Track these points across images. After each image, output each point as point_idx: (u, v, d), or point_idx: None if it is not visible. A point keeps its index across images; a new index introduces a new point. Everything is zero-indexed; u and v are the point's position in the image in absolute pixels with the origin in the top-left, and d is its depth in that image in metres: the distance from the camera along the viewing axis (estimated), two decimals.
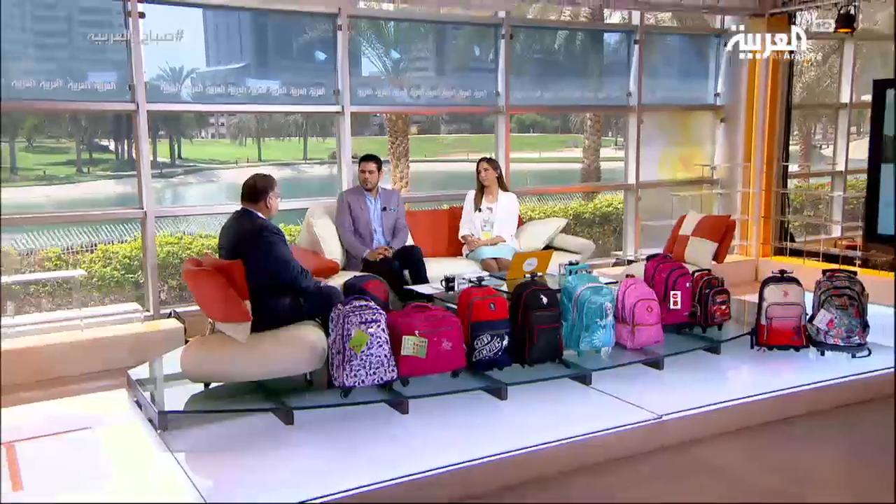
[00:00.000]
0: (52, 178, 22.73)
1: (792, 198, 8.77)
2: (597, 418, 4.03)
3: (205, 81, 6.27)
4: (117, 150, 24.33)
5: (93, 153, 24.34)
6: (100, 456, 3.74)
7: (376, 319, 3.96)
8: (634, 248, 8.09)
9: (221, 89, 6.13)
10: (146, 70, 5.70)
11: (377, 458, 3.60)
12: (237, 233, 4.27)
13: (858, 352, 4.85)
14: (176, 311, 5.90)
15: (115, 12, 5.58)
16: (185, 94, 6.12)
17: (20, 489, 3.30)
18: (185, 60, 6.42)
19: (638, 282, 4.86)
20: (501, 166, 6.76)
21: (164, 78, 6.35)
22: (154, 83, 5.90)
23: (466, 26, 7.48)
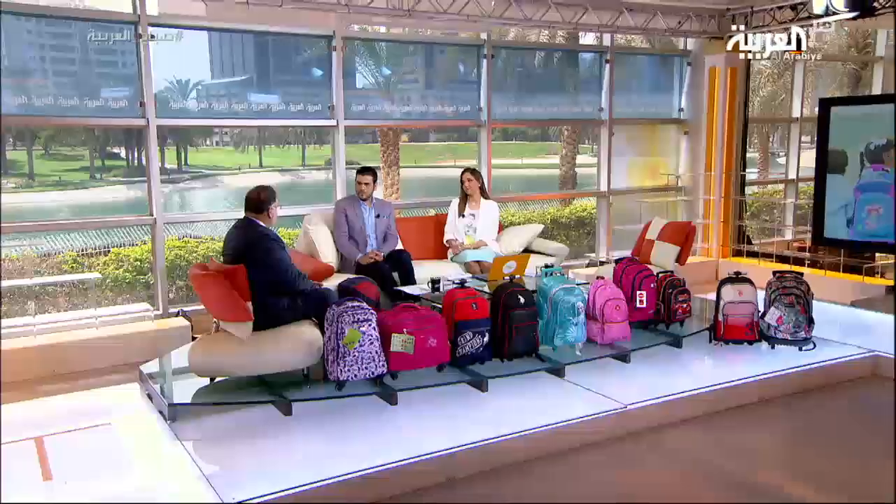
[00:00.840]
0: (67, 183, 22.51)
1: (749, 204, 8.84)
2: (569, 408, 4.04)
3: (209, 93, 6.28)
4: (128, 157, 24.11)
5: (105, 160, 24.10)
6: (117, 445, 3.73)
7: (368, 319, 3.94)
8: (606, 250, 8.14)
9: (225, 105, 6.15)
10: (155, 83, 5.69)
11: (369, 445, 3.59)
12: (240, 240, 4.25)
13: (805, 345, 4.90)
14: (183, 310, 5.88)
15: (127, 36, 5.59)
16: (191, 106, 6.12)
17: (50, 479, 3.30)
18: (192, 74, 6.42)
19: (607, 282, 4.87)
20: (483, 176, 6.78)
21: (172, 90, 6.34)
22: (162, 99, 5.88)
23: (451, 46, 7.51)
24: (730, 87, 7.96)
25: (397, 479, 3.40)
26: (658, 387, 4.33)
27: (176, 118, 6.04)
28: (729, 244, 8.31)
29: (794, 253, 7.99)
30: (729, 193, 8.23)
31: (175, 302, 6.29)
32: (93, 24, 5.45)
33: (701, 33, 7.82)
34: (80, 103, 5.45)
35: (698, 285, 6.53)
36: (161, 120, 5.77)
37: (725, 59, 7.86)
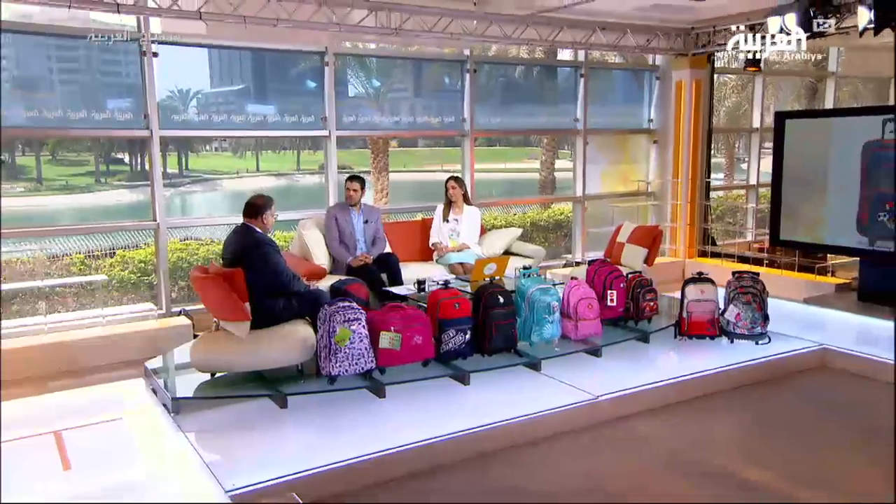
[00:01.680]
0: (74, 187, 22.26)
1: (714, 208, 8.96)
2: (545, 399, 4.07)
3: (209, 102, 6.28)
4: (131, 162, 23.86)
5: (109, 165, 23.87)
6: (126, 437, 3.75)
7: (357, 318, 3.97)
8: (582, 251, 8.20)
9: (225, 116, 6.16)
10: (157, 94, 5.69)
11: (359, 435, 3.61)
12: (238, 245, 4.26)
13: (760, 339, 4.98)
14: (185, 309, 5.88)
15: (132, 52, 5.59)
16: (192, 117, 6.11)
17: (69, 468, 3.34)
18: (192, 85, 6.42)
19: (580, 283, 4.91)
20: (467, 183, 6.85)
21: (174, 98, 6.34)
22: (165, 109, 5.88)
23: (436, 62, 7.56)
24: (694, 100, 8.05)
25: (385, 467, 3.42)
26: (627, 379, 4.38)
27: (178, 129, 6.04)
28: (695, 245, 8.39)
29: (755, 253, 8.09)
30: (695, 198, 8.31)
31: (177, 301, 6.30)
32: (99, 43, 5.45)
33: (668, 50, 7.92)
34: (87, 115, 5.45)
35: (666, 284, 6.57)
36: (164, 131, 5.78)
37: (690, 74, 7.95)
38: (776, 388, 4.65)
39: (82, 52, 5.52)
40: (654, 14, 7.17)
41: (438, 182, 6.55)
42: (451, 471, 3.52)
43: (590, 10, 6.70)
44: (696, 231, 8.38)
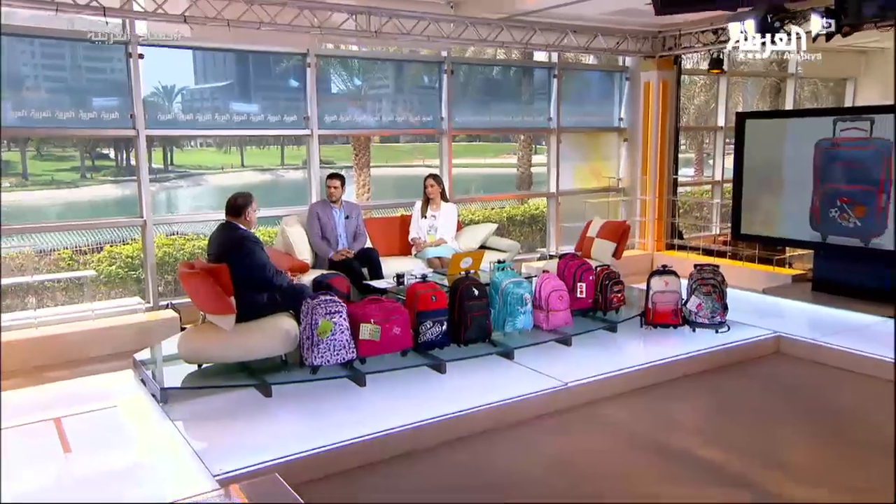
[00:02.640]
0: (60, 182, 21.94)
1: (681, 203, 9.14)
2: (518, 386, 4.15)
3: (193, 97, 6.27)
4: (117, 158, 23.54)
5: (95, 161, 23.53)
6: (120, 423, 3.80)
7: (339, 311, 4.03)
8: (556, 245, 8.32)
9: (209, 116, 6.17)
10: (143, 92, 5.69)
11: (341, 422, 3.67)
12: (223, 241, 4.30)
13: (720, 328, 5.12)
14: (172, 303, 5.89)
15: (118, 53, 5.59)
16: (177, 116, 6.11)
17: (69, 451, 3.42)
18: (177, 80, 6.43)
19: (552, 276, 5.00)
20: (445, 180, 6.93)
21: (158, 95, 6.32)
22: (151, 108, 5.87)
23: (415, 63, 7.60)
24: (662, 99, 8.19)
25: (366, 451, 3.50)
26: (595, 366, 4.47)
27: (164, 129, 6.03)
28: (663, 239, 8.55)
29: (719, 246, 8.28)
30: (662, 194, 8.47)
31: (164, 295, 6.31)
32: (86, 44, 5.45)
33: (636, 52, 8.05)
34: (74, 115, 5.45)
35: (635, 276, 6.70)
36: (150, 130, 5.79)
37: (657, 75, 8.10)
38: (734, 373, 4.80)
39: (69, 53, 5.49)
40: (622, 18, 7.30)
41: (419, 177, 6.62)
42: (429, 454, 3.60)
43: (562, 13, 6.80)
44: (663, 225, 8.54)
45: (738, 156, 7.03)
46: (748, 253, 7.54)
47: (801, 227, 6.56)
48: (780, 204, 6.77)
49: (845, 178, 6.24)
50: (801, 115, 7.54)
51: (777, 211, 6.81)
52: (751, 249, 7.50)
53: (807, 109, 9.44)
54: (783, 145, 6.71)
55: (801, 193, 6.52)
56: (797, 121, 6.82)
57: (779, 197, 6.77)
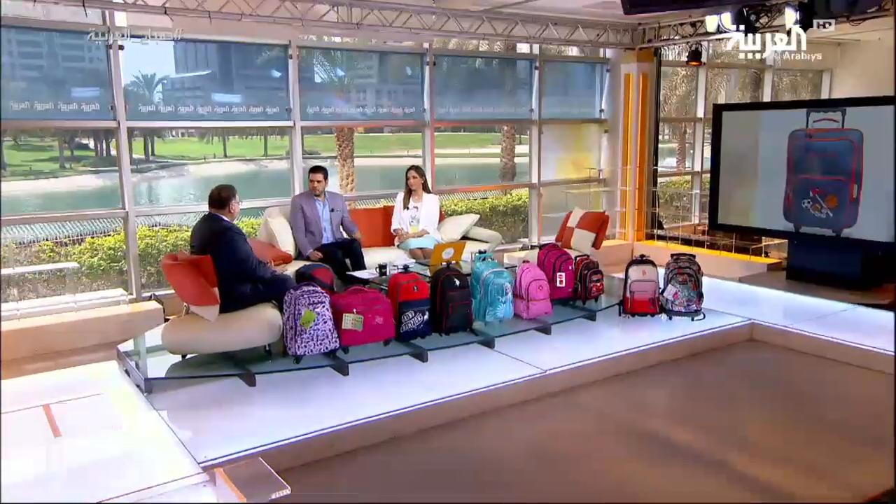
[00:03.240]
0: (38, 173, 21.62)
1: (661, 193, 9.27)
2: (498, 374, 4.22)
3: (174, 87, 6.25)
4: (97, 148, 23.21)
5: (74, 151, 23.20)
6: (105, 413, 3.83)
7: (321, 301, 4.07)
8: (538, 235, 8.43)
9: (191, 108, 6.17)
10: (123, 82, 5.69)
11: (324, 410, 3.72)
12: (206, 233, 4.33)
13: (696, 316, 5.24)
14: (155, 294, 5.93)
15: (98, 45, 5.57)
16: (159, 108, 6.10)
17: (59, 435, 3.48)
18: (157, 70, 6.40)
19: (532, 266, 5.08)
20: (427, 171, 6.99)
21: (139, 84, 6.30)
22: (132, 99, 5.86)
23: (398, 54, 7.62)
24: (642, 91, 8.30)
25: (350, 438, 3.56)
26: (574, 354, 4.56)
27: (145, 120, 6.03)
28: (643, 229, 8.69)
29: (698, 236, 8.43)
30: (642, 184, 8.59)
31: (147, 287, 6.33)
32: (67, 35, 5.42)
33: (617, 44, 8.14)
34: (54, 107, 5.44)
35: (616, 265, 6.76)
36: (131, 122, 5.79)
37: (637, 67, 8.20)
38: (708, 360, 4.92)
39: (48, 44, 5.47)
40: (602, 10, 7.38)
41: (404, 167, 6.65)
42: (411, 441, 3.67)
43: (543, 6, 6.87)
44: (643, 215, 8.67)
45: (716, 147, 7.17)
46: (725, 242, 7.69)
47: (775, 218, 6.71)
48: (755, 194, 6.92)
49: (817, 168, 6.40)
50: (775, 107, 7.69)
51: (752, 201, 6.96)
52: (728, 239, 7.65)
53: (781, 102, 9.62)
54: (758, 137, 6.86)
55: (776, 184, 6.67)
56: (772, 113, 6.96)
57: (754, 188, 6.92)
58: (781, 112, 6.83)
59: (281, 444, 3.38)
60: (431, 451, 3.62)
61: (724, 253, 7.59)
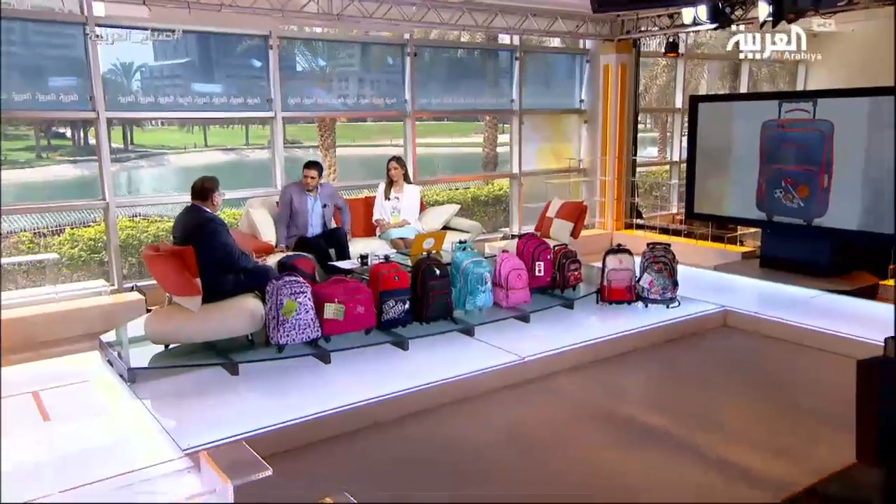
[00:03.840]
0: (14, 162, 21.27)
1: (640, 183, 9.40)
2: (478, 361, 4.33)
3: (153, 75, 6.23)
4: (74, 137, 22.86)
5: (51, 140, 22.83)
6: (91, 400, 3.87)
7: (303, 291, 4.13)
8: (519, 225, 8.51)
9: (171, 98, 6.16)
10: (101, 74, 5.65)
11: (307, 398, 3.79)
12: (188, 224, 4.35)
13: (671, 303, 5.37)
14: (137, 285, 5.92)
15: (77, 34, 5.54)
16: (135, 89, 6.06)
17: (48, 419, 3.56)
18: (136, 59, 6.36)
19: (511, 255, 5.18)
20: (409, 161, 7.04)
21: (116, 72, 6.26)
22: (109, 86, 5.83)
23: (379, 45, 7.61)
24: (621, 82, 8.39)
25: (332, 424, 3.64)
26: (552, 341, 4.67)
27: (124, 111, 6.01)
28: (622, 218, 8.81)
29: (676, 225, 8.58)
30: (621, 174, 8.70)
31: (128, 277, 6.32)
32: (44, 24, 5.39)
33: (596, 35, 8.22)
34: (32, 97, 5.41)
35: (595, 254, 6.83)
36: (110, 112, 5.77)
37: (616, 58, 8.29)
38: (682, 346, 5.07)
39: (25, 34, 5.43)
40: (581, 1, 7.43)
41: (386, 156, 6.68)
42: (392, 427, 3.76)
43: None
44: (622, 205, 8.79)
45: (692, 138, 7.30)
46: (702, 231, 7.84)
47: (749, 207, 6.87)
48: (729, 184, 7.07)
49: (789, 159, 6.55)
50: (749, 98, 7.83)
51: (727, 191, 7.11)
52: (704, 228, 7.80)
53: (754, 93, 9.79)
54: (733, 128, 7.00)
55: (749, 174, 6.82)
56: (746, 104, 7.09)
57: (729, 178, 7.07)
58: (755, 103, 6.96)
59: (264, 430, 3.44)
60: (412, 436, 3.71)
61: (701, 242, 7.74)
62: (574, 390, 4.35)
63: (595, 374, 4.57)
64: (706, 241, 7.74)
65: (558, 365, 4.55)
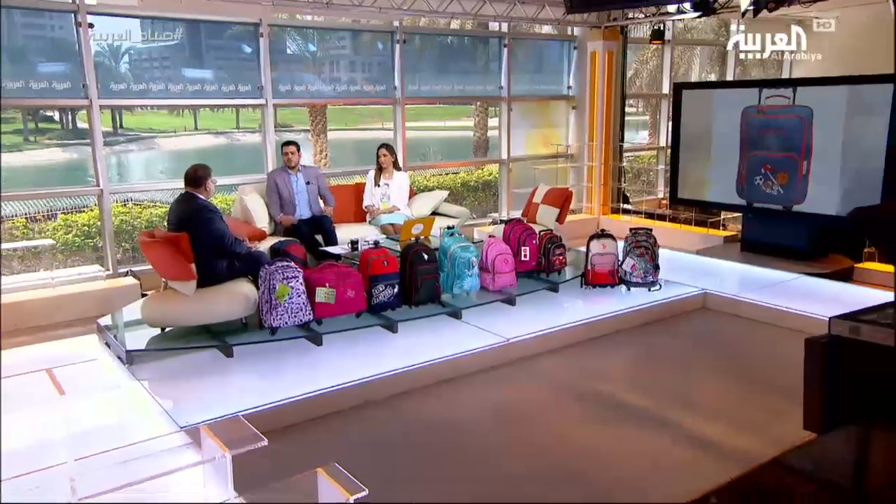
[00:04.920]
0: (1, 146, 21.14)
1: (628, 168, 9.55)
2: (464, 343, 4.47)
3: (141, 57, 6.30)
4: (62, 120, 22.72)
5: (38, 123, 22.65)
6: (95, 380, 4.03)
7: (295, 276, 4.26)
8: (507, 210, 8.67)
9: (162, 86, 6.25)
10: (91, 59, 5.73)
11: (299, 378, 3.93)
12: (183, 211, 4.47)
13: (652, 286, 5.52)
14: (131, 269, 6.06)
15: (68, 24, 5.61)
16: (124, 70, 6.14)
17: (64, 393, 3.70)
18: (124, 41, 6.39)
19: (497, 240, 5.31)
20: (399, 147, 7.15)
21: (104, 55, 6.32)
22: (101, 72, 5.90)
23: (369, 32, 7.68)
24: (607, 69, 8.50)
25: (324, 402, 3.78)
26: (537, 324, 4.81)
27: (117, 98, 6.10)
28: (608, 203, 8.98)
29: (661, 210, 8.75)
30: (608, 160, 8.85)
31: (122, 262, 6.44)
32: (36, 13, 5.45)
33: (583, 23, 8.32)
34: (25, 85, 5.48)
35: (582, 239, 6.95)
36: (103, 100, 5.86)
37: (603, 45, 8.40)
38: (663, 327, 5.24)
39: (17, 23, 5.49)
40: None
41: (377, 140, 6.79)
42: (381, 406, 3.92)
43: None
44: (609, 190, 8.95)
45: (676, 124, 7.45)
46: (686, 216, 8.01)
47: (730, 193, 7.05)
48: (712, 170, 7.24)
49: (769, 146, 6.71)
50: (731, 86, 7.97)
51: (709, 177, 7.28)
52: (689, 213, 7.97)
53: (736, 81, 9.93)
54: (715, 114, 7.15)
55: (731, 160, 6.99)
56: (727, 91, 7.25)
57: (711, 164, 7.23)
58: (737, 91, 7.11)
59: (258, 409, 3.58)
60: (401, 414, 3.87)
61: (685, 226, 7.92)
62: (556, 370, 4.52)
63: (577, 355, 4.72)
64: (690, 225, 7.92)
65: (541, 346, 4.70)
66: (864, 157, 6.01)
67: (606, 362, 4.73)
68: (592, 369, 4.58)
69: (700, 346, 5.01)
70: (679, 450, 3.51)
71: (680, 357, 4.80)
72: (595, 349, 4.85)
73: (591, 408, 4.02)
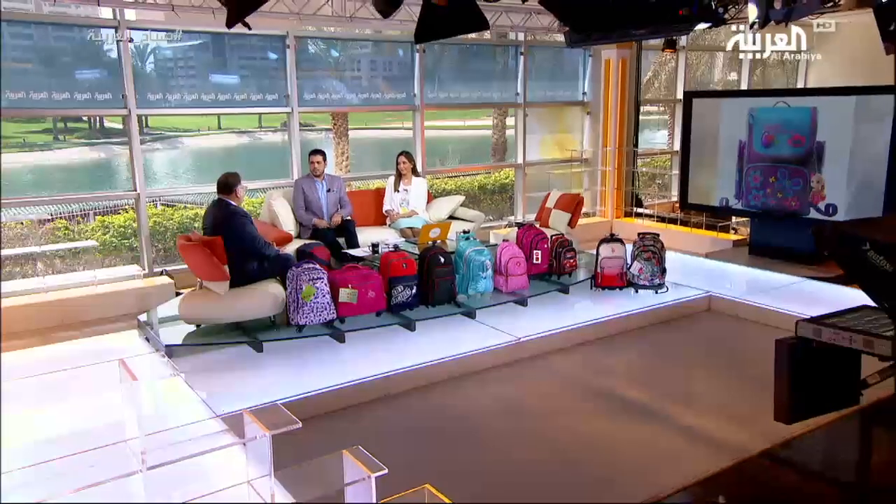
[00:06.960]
0: (32, 145, 21.75)
1: (641, 173, 9.74)
2: (478, 341, 4.71)
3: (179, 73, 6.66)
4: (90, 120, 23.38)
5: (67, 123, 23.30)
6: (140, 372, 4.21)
7: (320, 277, 4.56)
8: (522, 213, 8.92)
9: (196, 96, 6.61)
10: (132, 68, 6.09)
11: (324, 372, 4.21)
12: (216, 216, 4.80)
13: (659, 289, 5.74)
14: (166, 269, 6.42)
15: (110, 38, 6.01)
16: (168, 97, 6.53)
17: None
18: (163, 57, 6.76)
19: (510, 244, 5.57)
20: (417, 153, 7.45)
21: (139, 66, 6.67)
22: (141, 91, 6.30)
23: (390, 43, 7.93)
24: (621, 76, 8.71)
25: (346, 396, 4.06)
26: (547, 323, 5.04)
27: (154, 108, 6.48)
28: (622, 207, 9.17)
29: (675, 214, 8.92)
30: (621, 164, 9.04)
31: (156, 262, 6.79)
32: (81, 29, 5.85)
33: None
34: (70, 97, 5.88)
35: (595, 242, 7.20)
36: (141, 110, 6.24)
37: (617, 53, 8.61)
38: (668, 328, 5.45)
39: (62, 38, 5.89)
40: None
41: (398, 139, 7.11)
42: (400, 398, 4.19)
43: None
44: (622, 194, 9.15)
45: (686, 131, 7.65)
46: (697, 220, 8.19)
47: (739, 198, 7.23)
48: (720, 176, 7.43)
49: (775, 153, 6.89)
50: (739, 95, 8.15)
51: (718, 182, 7.47)
52: (700, 217, 8.16)
53: (744, 90, 10.09)
54: (724, 122, 7.34)
55: (738, 167, 7.17)
56: (736, 100, 7.43)
57: (720, 169, 7.42)
58: (746, 100, 7.29)
59: (287, 399, 3.82)
60: (418, 407, 4.15)
61: (696, 230, 8.10)
62: (565, 367, 4.75)
63: (584, 354, 4.96)
64: (700, 229, 8.11)
65: (551, 345, 4.93)
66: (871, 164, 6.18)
67: (612, 360, 4.95)
68: (599, 367, 4.81)
69: (703, 346, 5.23)
70: (677, 441, 3.75)
71: (682, 356, 5.01)
72: (602, 348, 5.07)
73: (598, 402, 4.25)
